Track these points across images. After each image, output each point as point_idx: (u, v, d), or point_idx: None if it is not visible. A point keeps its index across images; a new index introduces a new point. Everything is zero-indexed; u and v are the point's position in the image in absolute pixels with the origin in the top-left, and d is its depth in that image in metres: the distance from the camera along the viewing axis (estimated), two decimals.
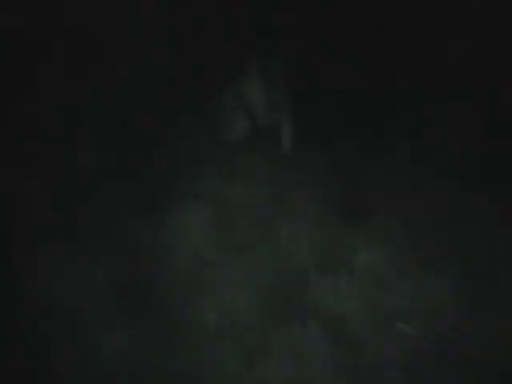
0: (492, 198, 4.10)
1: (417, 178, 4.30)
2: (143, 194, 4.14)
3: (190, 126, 4.47)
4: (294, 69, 4.59)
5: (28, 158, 4.21)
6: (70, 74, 4.58)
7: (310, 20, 4.82)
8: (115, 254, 3.87)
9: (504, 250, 3.90)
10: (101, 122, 4.45)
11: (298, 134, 4.52)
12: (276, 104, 4.52)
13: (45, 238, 3.85)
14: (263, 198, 4.21)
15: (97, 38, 4.71)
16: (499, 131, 4.42)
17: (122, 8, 4.81)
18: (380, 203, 4.19)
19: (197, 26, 4.81)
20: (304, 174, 4.37)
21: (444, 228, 4.03)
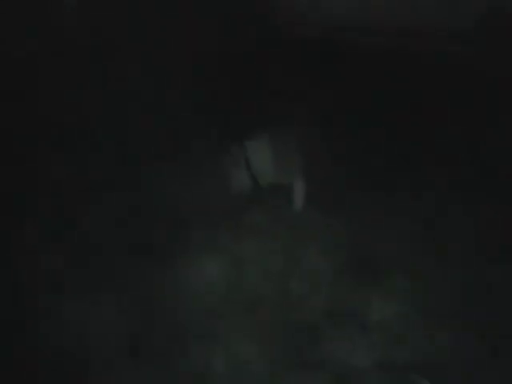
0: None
1: (429, 238, 4.35)
2: (155, 246, 4.18)
3: (202, 179, 4.56)
4: (306, 132, 4.75)
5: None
6: None
7: (322, 85, 5.01)
8: (126, 304, 3.88)
9: None
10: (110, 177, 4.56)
11: (310, 193, 4.61)
12: (288, 165, 4.64)
13: (59, 288, 3.88)
14: (274, 252, 4.25)
15: None
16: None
17: None
18: (392, 261, 4.22)
19: (211, 87, 4.98)
20: (315, 231, 4.42)
21: (457, 284, 4.06)
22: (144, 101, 5.02)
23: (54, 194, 4.36)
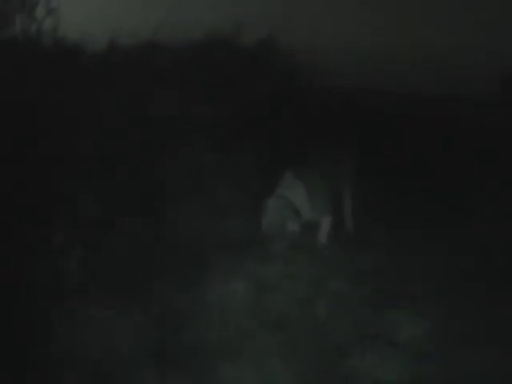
0: None
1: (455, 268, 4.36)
2: (183, 270, 4.21)
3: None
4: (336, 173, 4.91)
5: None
6: None
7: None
8: (153, 325, 3.86)
9: None
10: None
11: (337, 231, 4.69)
12: (317, 205, 4.74)
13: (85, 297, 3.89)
14: (301, 278, 4.26)
15: None
16: None
17: None
18: (418, 288, 4.21)
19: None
20: (341, 264, 4.45)
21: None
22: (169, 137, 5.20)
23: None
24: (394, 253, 4.61)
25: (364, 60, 6.29)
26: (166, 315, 3.91)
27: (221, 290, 4.11)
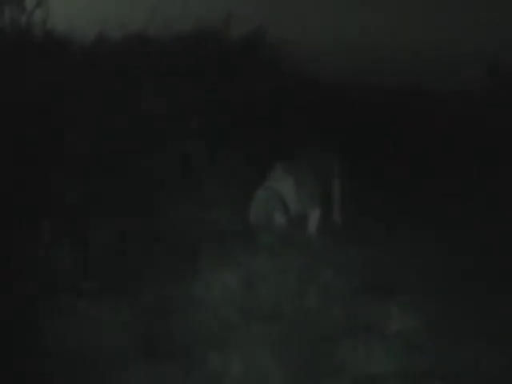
0: None
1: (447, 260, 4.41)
2: (172, 262, 4.23)
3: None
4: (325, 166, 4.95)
5: None
6: None
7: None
8: (142, 317, 3.87)
9: None
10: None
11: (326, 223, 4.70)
12: (306, 198, 4.77)
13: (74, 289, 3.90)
14: (290, 272, 4.28)
15: None
16: None
17: None
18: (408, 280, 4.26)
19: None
20: (331, 256, 4.47)
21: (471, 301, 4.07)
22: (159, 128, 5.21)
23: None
24: (383, 245, 4.63)
25: (354, 55, 6.31)
26: (154, 307, 3.93)
27: (209, 282, 4.13)
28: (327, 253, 4.51)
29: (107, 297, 3.84)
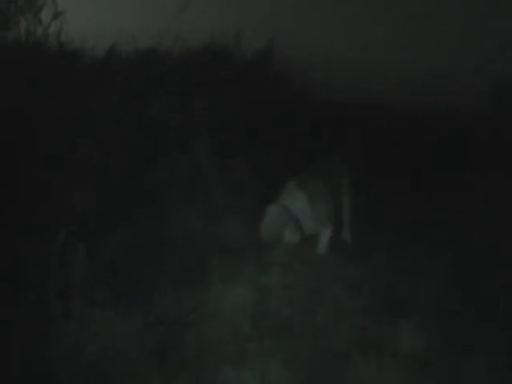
0: None
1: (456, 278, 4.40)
2: (184, 272, 4.23)
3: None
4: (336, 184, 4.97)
5: None
6: None
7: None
8: (153, 328, 3.85)
9: None
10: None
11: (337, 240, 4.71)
12: (319, 216, 4.77)
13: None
14: (300, 286, 4.28)
15: None
16: None
17: None
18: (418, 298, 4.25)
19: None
20: (339, 272, 4.47)
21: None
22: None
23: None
24: (394, 262, 4.63)
25: (361, 72, 6.35)
26: (166, 318, 3.92)
27: (220, 295, 4.12)
28: (337, 270, 4.50)
29: (120, 307, 3.82)
